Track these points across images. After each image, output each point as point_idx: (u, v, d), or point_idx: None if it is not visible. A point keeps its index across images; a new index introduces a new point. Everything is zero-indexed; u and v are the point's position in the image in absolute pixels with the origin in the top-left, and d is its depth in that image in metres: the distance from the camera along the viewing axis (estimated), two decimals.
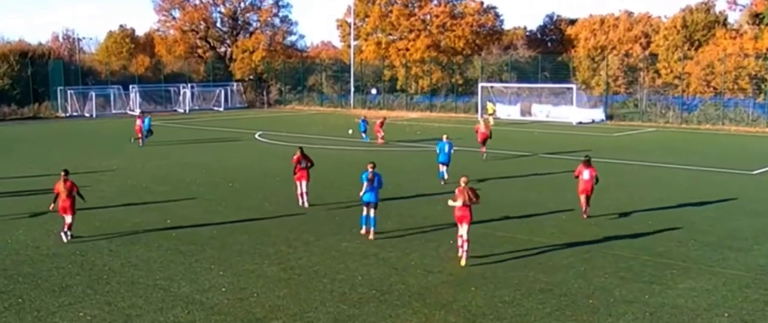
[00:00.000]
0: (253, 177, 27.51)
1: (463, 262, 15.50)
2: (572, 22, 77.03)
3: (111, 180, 26.78)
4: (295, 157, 21.69)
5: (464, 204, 15.70)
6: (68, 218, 17.29)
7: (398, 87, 71.08)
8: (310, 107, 70.25)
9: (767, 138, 43.50)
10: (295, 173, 21.72)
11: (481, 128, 32.96)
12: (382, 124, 40.05)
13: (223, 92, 71.15)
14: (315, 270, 15.22)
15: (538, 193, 24.00)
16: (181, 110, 67.74)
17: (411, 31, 71.00)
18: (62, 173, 17.46)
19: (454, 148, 27.30)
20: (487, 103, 56.06)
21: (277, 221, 19.81)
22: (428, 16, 71.94)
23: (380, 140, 39.11)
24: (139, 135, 38.58)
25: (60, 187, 17.21)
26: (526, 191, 24.32)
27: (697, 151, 36.74)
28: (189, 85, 70.13)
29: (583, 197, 19.92)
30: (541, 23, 79.61)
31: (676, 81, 56.22)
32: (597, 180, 19.95)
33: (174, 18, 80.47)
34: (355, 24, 72.85)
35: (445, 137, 26.94)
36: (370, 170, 17.75)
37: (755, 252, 16.69)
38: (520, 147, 36.95)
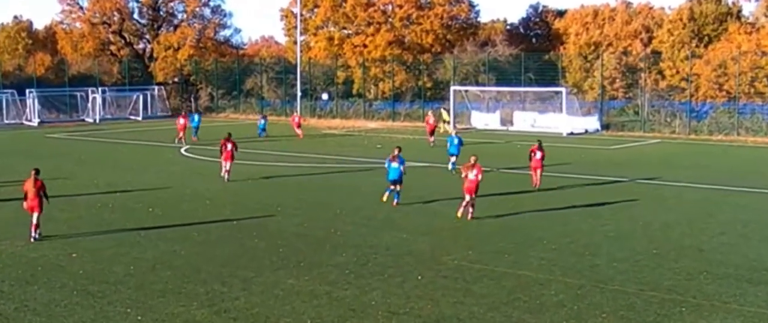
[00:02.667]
0: (178, 201, 27.23)
1: (464, 214, 23.05)
2: (560, 14, 78.18)
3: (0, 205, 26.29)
4: (222, 141, 31.28)
5: (475, 177, 23.13)
6: (35, 218, 20.64)
7: (354, 91, 71.19)
8: (248, 116, 69.94)
9: None
10: (221, 154, 31.62)
11: (430, 119, 43.55)
12: (299, 124, 51.70)
13: (141, 97, 70.51)
14: (254, 314, 15.08)
15: (521, 218, 24.15)
16: (90, 120, 66.92)
17: (369, 24, 71.29)
18: (33, 172, 20.78)
19: (463, 142, 34.70)
20: (442, 110, 56.26)
21: (208, 253, 19.61)
22: (390, 7, 72.32)
23: (299, 135, 50.33)
24: (182, 134, 46.71)
25: (29, 186, 20.64)
26: (507, 216, 24.45)
27: (708, 166, 37.35)
28: (100, 89, 69.33)
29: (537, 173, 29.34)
30: (524, 15, 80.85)
31: (683, 84, 57.22)
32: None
33: (81, 8, 79.82)
34: (302, 15, 72.89)
35: (454, 132, 36.67)
36: (396, 152, 25.67)
37: None
38: (500, 163, 37.18)
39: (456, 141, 34.37)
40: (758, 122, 52.10)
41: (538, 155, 29.78)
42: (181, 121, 48.23)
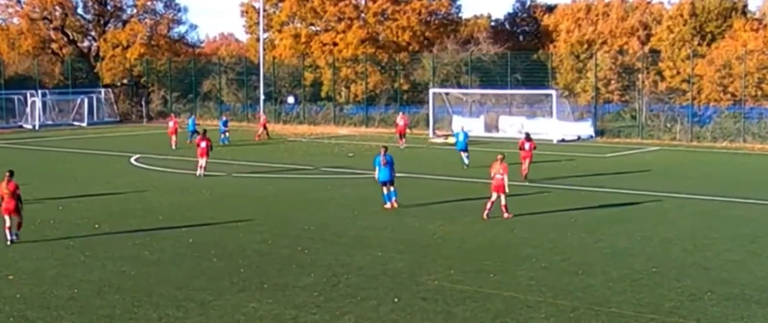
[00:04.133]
0: (127, 216, 27.06)
1: (505, 216, 25.77)
2: (550, 9, 78.58)
3: None
4: (197, 139, 37.88)
5: (500, 175, 25.64)
6: (8, 220, 22.38)
7: (323, 94, 71.17)
8: (206, 121, 69.56)
9: None
10: (197, 149, 36.60)
11: (399, 121, 47.65)
12: (265, 124, 55.82)
13: (86, 101, 70.11)
14: None
15: (508, 233, 24.21)
16: (29, 126, 66.46)
17: (340, 20, 71.34)
18: (7, 174, 22.47)
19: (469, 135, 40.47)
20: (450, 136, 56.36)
21: (161, 274, 19.49)
22: (362, 1, 72.42)
23: (260, 137, 54.45)
24: (175, 138, 49.19)
25: (3, 189, 22.27)
26: (493, 231, 24.51)
27: (711, 176, 37.63)
28: (40, 92, 68.86)
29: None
30: (511, 11, 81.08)
31: (684, 86, 57.66)
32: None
33: (18, 1, 79.16)
34: (265, 10, 72.80)
35: (462, 127, 42.18)
36: (383, 153, 27.41)
37: None
38: (483, 173, 37.23)
39: (462, 136, 39.37)
40: (766, 128, 52.38)
41: (527, 146, 34.31)
42: (171, 124, 50.51)
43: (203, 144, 36.65)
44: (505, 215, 25.94)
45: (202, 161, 36.32)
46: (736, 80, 55.53)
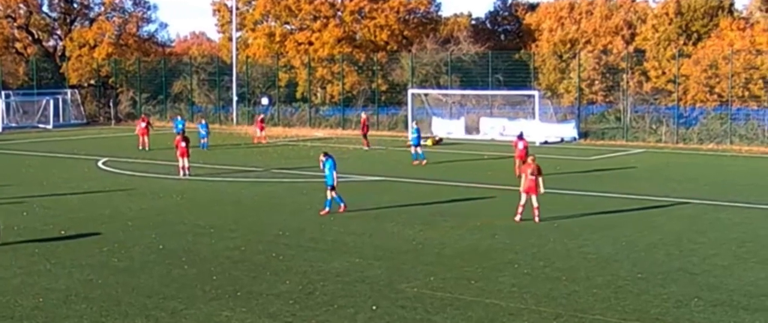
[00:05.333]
0: (95, 222, 26.91)
1: (537, 220, 25.92)
2: (532, 7, 78.93)
3: None
4: (176, 139, 38.20)
5: (533, 176, 25.88)
6: None
7: (298, 95, 71.12)
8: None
9: None
10: (177, 149, 37.31)
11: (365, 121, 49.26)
12: (262, 124, 55.08)
13: (52, 102, 69.75)
14: None
15: (490, 238, 24.24)
16: None
17: (315, 18, 71.34)
18: None
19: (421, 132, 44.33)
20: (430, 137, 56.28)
21: (130, 282, 19.39)
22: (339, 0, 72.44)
23: (261, 139, 53.94)
24: (144, 139, 49.85)
25: None
26: (474, 236, 24.53)
27: (698, 179, 37.83)
28: (3, 93, 68.54)
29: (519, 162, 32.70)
30: (492, 9, 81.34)
31: (670, 86, 58.02)
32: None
33: None
34: (238, 9, 72.69)
35: (414, 123, 46.53)
36: (322, 158, 27.88)
37: None
38: (465, 176, 37.31)
39: (415, 133, 43.47)
40: (753, 129, 52.77)
41: (520, 145, 36.15)
42: (142, 124, 51.03)
43: (183, 144, 37.23)
44: (537, 219, 26.07)
45: (185, 162, 37.10)
46: (722, 81, 55.88)
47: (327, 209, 27.64)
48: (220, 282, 19.31)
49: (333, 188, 27.70)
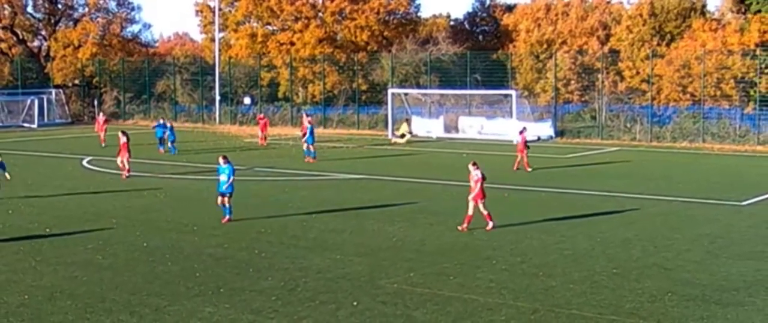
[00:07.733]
0: (79, 220, 26.81)
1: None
2: (510, 9, 79.06)
3: None
4: (122, 142, 36.08)
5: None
6: None
7: (280, 95, 71.01)
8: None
9: (759, 158, 45.53)
10: (119, 152, 36.11)
11: (305, 122, 45.19)
12: (264, 126, 52.40)
13: (37, 102, 69.39)
14: None
15: (468, 235, 24.28)
16: None
17: (297, 19, 71.21)
18: None
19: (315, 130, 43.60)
20: (404, 123, 56.24)
21: (114, 279, 19.33)
22: (320, 0, 72.31)
23: (261, 140, 51.79)
24: (102, 135, 49.83)
25: None
26: (453, 232, 24.57)
27: (671, 177, 38.02)
28: None
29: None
30: (470, 10, 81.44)
31: (644, 86, 58.27)
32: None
33: None
34: (220, 9, 72.48)
35: (309, 121, 43.93)
36: (221, 162, 26.20)
37: (749, 306, 17.31)
38: (443, 174, 37.34)
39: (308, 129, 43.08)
40: (725, 128, 53.11)
41: (517, 139, 38.64)
42: (101, 119, 52.25)
43: (123, 139, 36.23)
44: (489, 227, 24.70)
45: (121, 161, 36.36)
46: (695, 80, 56.20)
47: (228, 216, 26.10)
48: (203, 279, 19.27)
49: (229, 196, 25.99)
